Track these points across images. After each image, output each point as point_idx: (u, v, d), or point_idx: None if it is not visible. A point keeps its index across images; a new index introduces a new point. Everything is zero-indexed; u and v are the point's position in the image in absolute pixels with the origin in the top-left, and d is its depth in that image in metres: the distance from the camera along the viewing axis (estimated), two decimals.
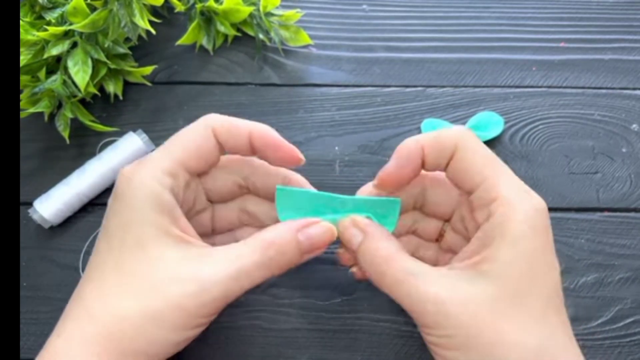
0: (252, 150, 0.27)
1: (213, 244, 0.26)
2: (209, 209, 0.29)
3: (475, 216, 0.25)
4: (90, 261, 0.24)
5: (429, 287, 0.23)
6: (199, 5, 0.38)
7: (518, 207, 0.23)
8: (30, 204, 0.33)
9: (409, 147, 0.26)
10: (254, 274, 0.24)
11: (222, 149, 0.27)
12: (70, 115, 0.35)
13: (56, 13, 0.34)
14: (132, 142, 0.35)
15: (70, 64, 0.34)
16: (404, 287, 0.23)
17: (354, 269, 0.29)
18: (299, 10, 0.40)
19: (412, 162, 0.26)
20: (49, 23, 0.34)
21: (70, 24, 0.33)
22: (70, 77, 0.34)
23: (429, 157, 0.26)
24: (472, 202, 0.25)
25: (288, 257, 0.24)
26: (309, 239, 0.25)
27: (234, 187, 0.29)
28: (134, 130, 0.36)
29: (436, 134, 0.26)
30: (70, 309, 0.23)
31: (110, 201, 0.25)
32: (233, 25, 0.40)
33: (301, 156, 0.27)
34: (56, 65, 0.35)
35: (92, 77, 0.35)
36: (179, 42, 0.39)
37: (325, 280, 0.33)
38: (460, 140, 0.25)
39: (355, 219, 0.26)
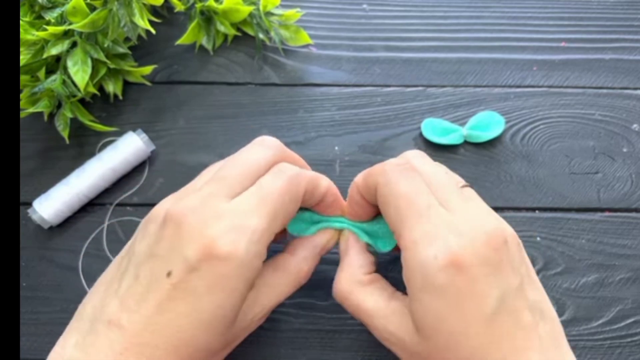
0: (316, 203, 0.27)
1: None
2: None
3: None
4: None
5: (381, 326, 0.24)
6: (198, 5, 0.38)
7: (414, 262, 0.22)
8: (29, 204, 0.33)
9: (351, 189, 0.27)
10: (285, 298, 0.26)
11: None
12: (69, 115, 0.35)
13: (56, 13, 0.34)
14: (131, 141, 0.35)
15: (69, 63, 0.33)
16: (362, 319, 0.25)
17: None
18: (299, 9, 0.40)
19: (358, 201, 0.27)
20: (48, 23, 0.34)
21: (70, 24, 0.33)
22: (69, 76, 0.34)
23: (365, 197, 0.26)
24: None
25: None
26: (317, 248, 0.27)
27: None
28: (134, 130, 0.36)
29: (366, 174, 0.26)
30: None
31: (199, 260, 0.21)
32: (233, 25, 0.40)
33: (343, 203, 0.28)
34: (56, 65, 0.35)
35: (92, 76, 0.35)
36: (179, 41, 0.39)
37: (325, 280, 0.33)
38: (379, 178, 0.25)
39: (346, 237, 0.28)
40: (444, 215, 0.22)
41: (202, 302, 0.21)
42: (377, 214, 0.28)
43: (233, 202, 0.23)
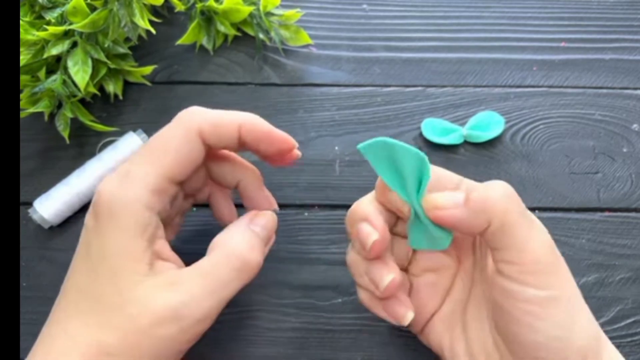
0: (242, 145, 0.26)
1: None
2: (188, 202, 0.29)
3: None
4: (69, 276, 0.24)
5: (546, 232, 0.23)
6: (199, 5, 0.38)
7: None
8: (30, 204, 0.33)
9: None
10: (227, 289, 0.24)
11: (209, 149, 0.26)
12: (70, 115, 0.35)
13: (56, 13, 0.34)
14: (132, 142, 0.35)
15: (70, 63, 0.34)
16: (527, 224, 0.23)
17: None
18: (299, 10, 0.40)
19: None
20: (48, 23, 0.34)
21: (70, 24, 0.33)
22: (70, 76, 0.34)
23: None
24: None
25: (254, 267, 0.24)
26: (265, 229, 0.26)
27: (205, 179, 0.29)
28: (134, 130, 0.36)
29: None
30: (50, 331, 0.23)
31: (89, 218, 0.23)
32: (233, 25, 0.40)
33: (296, 144, 0.27)
34: (56, 65, 0.35)
35: (92, 76, 0.35)
36: (179, 41, 0.39)
37: (325, 280, 0.33)
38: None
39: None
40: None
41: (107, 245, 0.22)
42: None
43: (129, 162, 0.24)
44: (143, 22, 0.34)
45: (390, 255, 0.26)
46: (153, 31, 0.35)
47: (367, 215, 0.24)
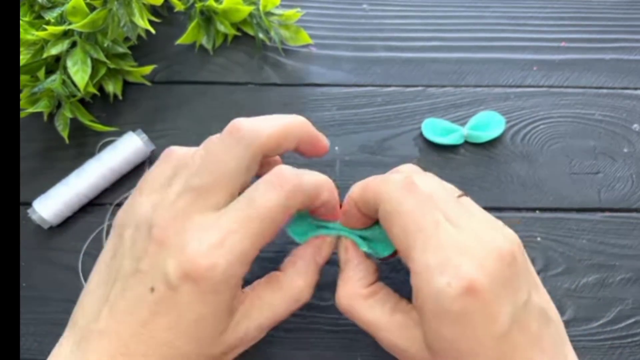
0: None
1: None
2: None
3: None
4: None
5: (389, 340, 0.24)
6: (198, 5, 0.38)
7: (428, 290, 0.21)
8: (29, 204, 0.33)
9: (347, 203, 0.26)
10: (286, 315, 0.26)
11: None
12: (69, 115, 0.34)
13: (55, 12, 0.34)
14: (131, 142, 0.35)
15: (69, 63, 0.33)
16: (368, 331, 0.25)
17: None
18: (299, 9, 0.40)
19: (354, 214, 0.26)
20: (48, 22, 0.33)
21: (70, 24, 0.33)
22: (69, 76, 0.34)
23: (363, 211, 0.26)
24: None
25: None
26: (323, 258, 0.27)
27: None
28: (134, 130, 0.36)
29: (363, 188, 0.25)
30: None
31: (180, 277, 0.21)
32: (233, 24, 0.40)
33: (328, 144, 0.28)
34: (55, 64, 0.35)
35: (92, 76, 0.35)
36: (179, 41, 0.39)
37: (325, 280, 0.33)
38: (381, 195, 0.24)
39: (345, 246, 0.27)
40: (452, 234, 0.22)
41: (183, 316, 0.22)
42: (374, 222, 0.27)
43: (217, 217, 0.22)
44: (142, 22, 0.34)
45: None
46: (152, 31, 0.35)
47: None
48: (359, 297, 0.25)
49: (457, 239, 0.22)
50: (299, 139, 0.26)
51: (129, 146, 0.35)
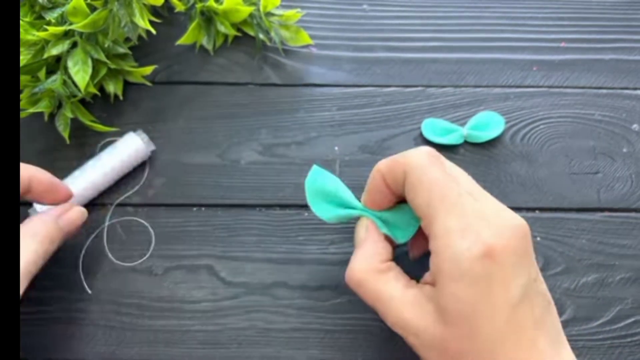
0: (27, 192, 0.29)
1: None
2: None
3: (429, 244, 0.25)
4: None
5: (401, 315, 0.24)
6: (199, 5, 0.38)
7: (449, 257, 0.22)
8: (30, 204, 0.33)
9: (373, 177, 0.27)
10: (37, 264, 0.27)
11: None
12: (70, 115, 0.35)
13: (56, 13, 0.34)
14: (132, 142, 0.35)
15: (70, 63, 0.34)
16: (377, 307, 0.25)
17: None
18: (299, 10, 0.40)
19: (380, 189, 0.27)
20: (49, 23, 0.34)
21: (70, 24, 0.33)
22: (70, 77, 0.34)
23: (390, 184, 0.27)
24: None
25: (57, 242, 0.28)
26: (70, 224, 0.29)
27: None
28: (134, 130, 0.36)
29: (391, 161, 0.26)
30: None
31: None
32: (233, 25, 0.40)
33: (71, 193, 0.31)
34: (56, 65, 0.35)
35: (92, 77, 0.35)
36: (179, 42, 0.39)
37: (325, 280, 0.33)
38: (408, 167, 0.25)
39: (365, 224, 0.28)
40: (473, 204, 0.23)
41: None
42: (395, 204, 0.28)
43: None
44: (143, 22, 0.34)
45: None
46: (153, 31, 0.35)
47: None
48: (374, 271, 0.26)
49: (478, 208, 0.23)
50: (35, 185, 0.29)
51: (129, 146, 0.35)
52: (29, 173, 0.28)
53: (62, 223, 0.29)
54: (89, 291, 0.33)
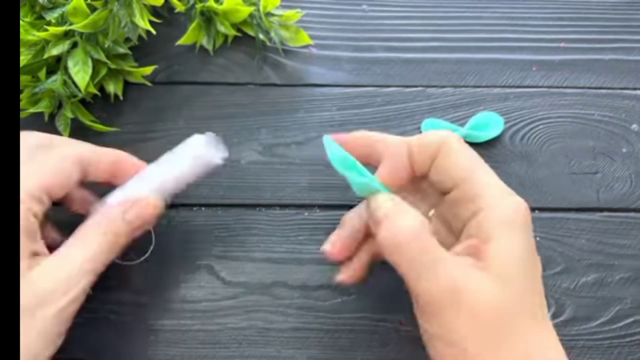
0: (114, 178, 0.29)
1: None
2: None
3: (459, 213, 0.26)
4: None
5: (449, 273, 0.23)
6: (199, 5, 0.38)
7: (499, 207, 0.24)
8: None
9: (399, 152, 0.27)
10: (102, 263, 0.26)
11: (83, 179, 0.29)
12: (70, 115, 0.35)
13: (56, 13, 0.34)
14: (194, 144, 0.30)
15: (70, 64, 0.34)
16: (422, 269, 0.23)
17: (342, 275, 0.29)
18: (299, 10, 0.40)
19: (402, 164, 0.27)
20: (49, 23, 0.34)
21: (71, 24, 0.33)
22: (70, 77, 0.34)
23: (417, 156, 0.27)
24: (454, 199, 0.26)
25: (124, 238, 0.27)
26: (139, 219, 0.28)
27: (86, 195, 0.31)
28: (198, 134, 0.30)
29: (421, 135, 0.27)
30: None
31: None
32: (233, 25, 0.40)
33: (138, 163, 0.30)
34: (56, 65, 0.35)
35: (92, 77, 0.35)
36: (179, 42, 0.39)
37: (325, 280, 0.33)
38: (444, 140, 0.26)
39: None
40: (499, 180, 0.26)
41: None
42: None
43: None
44: (143, 23, 0.34)
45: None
46: (153, 31, 0.35)
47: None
48: (427, 230, 0.25)
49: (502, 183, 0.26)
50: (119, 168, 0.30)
51: (191, 150, 0.30)
52: (113, 157, 0.29)
53: (129, 217, 0.28)
54: None
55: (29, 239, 0.25)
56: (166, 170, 0.30)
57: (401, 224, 0.24)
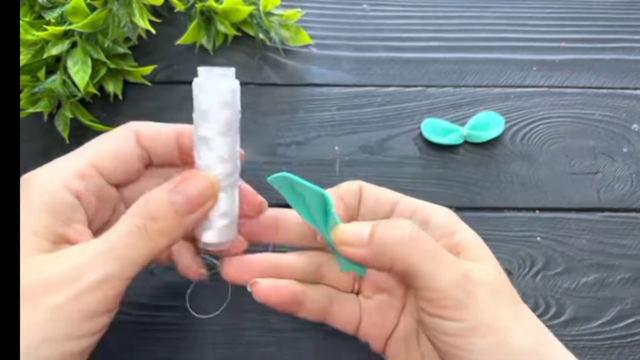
0: (181, 154, 0.25)
1: None
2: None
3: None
4: None
5: (456, 264, 0.23)
6: (198, 5, 0.38)
7: (438, 210, 0.26)
8: None
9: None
10: (130, 251, 0.21)
11: (148, 158, 0.25)
12: (69, 115, 0.35)
13: (56, 13, 0.34)
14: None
15: (69, 63, 0.33)
16: (435, 264, 0.22)
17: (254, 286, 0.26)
18: (299, 10, 0.40)
19: (340, 207, 0.26)
20: (48, 23, 0.34)
21: (70, 24, 0.33)
22: (69, 76, 0.34)
23: (346, 198, 0.26)
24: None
25: (164, 222, 0.21)
26: (186, 197, 0.22)
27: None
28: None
29: (337, 187, 0.27)
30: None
31: None
32: (233, 24, 0.40)
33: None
34: (56, 65, 0.35)
35: (92, 76, 0.35)
36: (179, 41, 0.39)
37: None
38: (360, 182, 0.27)
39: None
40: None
41: None
42: None
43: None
44: (143, 22, 0.34)
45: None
46: (153, 31, 0.35)
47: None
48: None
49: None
50: (186, 137, 0.25)
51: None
52: (174, 129, 0.25)
53: (175, 197, 0.22)
54: None
55: (56, 219, 0.21)
56: (229, 135, 0.23)
57: (403, 225, 0.23)
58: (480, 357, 0.22)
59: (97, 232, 0.23)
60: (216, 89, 0.23)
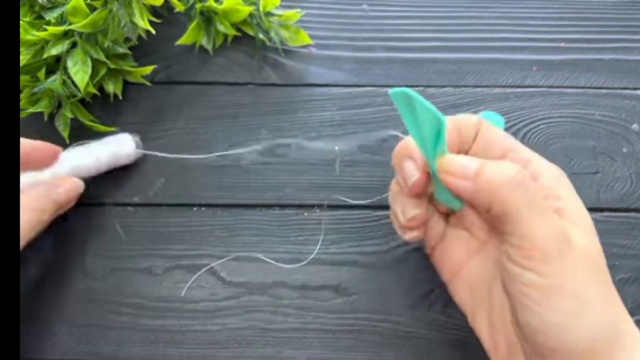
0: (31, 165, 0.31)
1: None
2: None
3: None
4: None
5: (557, 220, 0.23)
6: (198, 5, 0.38)
7: (550, 168, 0.25)
8: None
9: (461, 121, 0.26)
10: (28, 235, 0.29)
11: None
12: (70, 115, 0.35)
13: (56, 13, 0.34)
14: (124, 139, 0.35)
15: (69, 63, 0.33)
16: (537, 212, 0.22)
17: (413, 233, 0.27)
18: (299, 10, 0.40)
19: (452, 140, 0.26)
20: (48, 23, 0.34)
21: (70, 24, 0.33)
22: (69, 77, 0.34)
23: (463, 134, 0.26)
24: None
25: (46, 215, 0.30)
26: (65, 195, 0.31)
27: None
28: (131, 132, 0.35)
29: (457, 117, 0.26)
30: None
31: None
32: (233, 25, 0.40)
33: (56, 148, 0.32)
34: (56, 65, 0.35)
35: (92, 77, 0.35)
36: (179, 42, 0.39)
37: (325, 280, 0.33)
38: (480, 119, 0.26)
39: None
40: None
41: None
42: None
43: None
44: (143, 22, 0.34)
45: (425, 193, 0.27)
46: (153, 31, 0.35)
47: (412, 153, 0.26)
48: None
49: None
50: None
51: (120, 142, 0.35)
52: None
53: (54, 195, 0.30)
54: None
55: None
56: (83, 156, 0.34)
57: (513, 168, 0.23)
58: (550, 316, 0.21)
59: None
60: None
